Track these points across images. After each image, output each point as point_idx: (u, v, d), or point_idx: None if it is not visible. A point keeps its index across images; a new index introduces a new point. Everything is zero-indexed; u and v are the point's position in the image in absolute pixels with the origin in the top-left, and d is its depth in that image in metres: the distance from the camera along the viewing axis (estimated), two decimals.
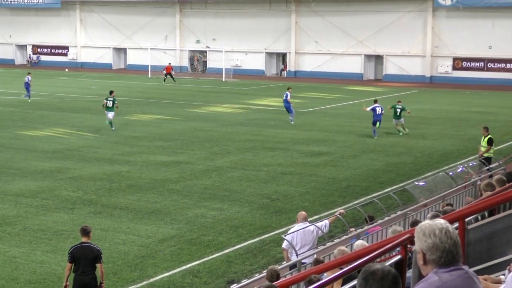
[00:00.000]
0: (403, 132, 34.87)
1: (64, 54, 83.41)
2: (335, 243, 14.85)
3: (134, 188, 23.29)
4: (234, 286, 13.68)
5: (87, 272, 13.06)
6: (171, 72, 63.20)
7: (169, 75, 62.72)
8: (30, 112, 41.75)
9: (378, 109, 33.94)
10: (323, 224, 15.29)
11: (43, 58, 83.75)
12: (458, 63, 63.76)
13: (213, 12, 74.09)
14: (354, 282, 5.54)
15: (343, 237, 15.75)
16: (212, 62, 73.33)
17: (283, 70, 72.61)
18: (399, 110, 34.85)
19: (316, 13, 69.07)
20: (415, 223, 10.93)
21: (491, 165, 23.93)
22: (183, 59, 76.98)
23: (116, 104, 35.79)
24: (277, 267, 11.53)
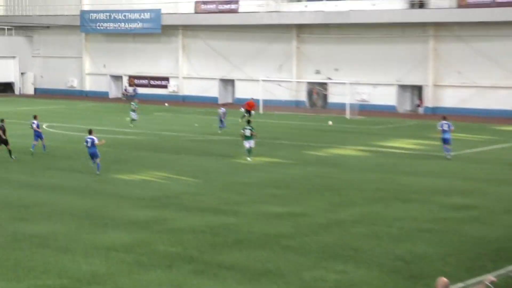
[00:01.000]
0: None
1: (164, 86, 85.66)
2: None
3: (242, 244, 23.29)
4: None
5: None
6: (252, 110, 62.57)
7: (249, 113, 61.27)
8: (126, 153, 42.93)
9: None
10: None
11: (141, 91, 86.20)
12: None
13: (336, 38, 74.38)
14: None
15: None
16: (334, 96, 73.39)
17: (419, 106, 71.91)
18: None
19: (459, 39, 68.15)
20: None
21: None
22: (300, 93, 77.49)
23: (254, 133, 40.37)
24: None
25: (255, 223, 26.02)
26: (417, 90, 72.79)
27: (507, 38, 65.90)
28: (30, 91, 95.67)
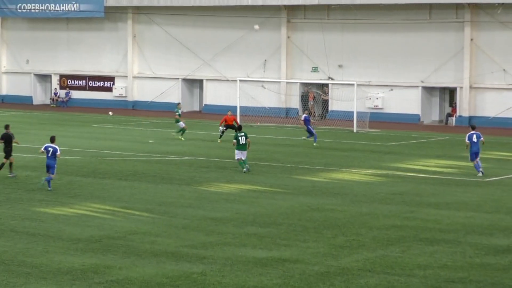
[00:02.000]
0: None
1: (108, 89, 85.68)
2: None
3: None
4: None
5: None
6: (233, 124, 60.78)
7: (230, 128, 59.56)
8: (56, 179, 42.82)
9: None
10: None
11: (76, 95, 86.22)
12: None
13: (340, 24, 74.51)
14: None
15: None
16: (338, 103, 73.59)
17: (451, 116, 71.98)
18: None
19: (504, 25, 68.42)
20: None
21: None
22: (291, 98, 77.50)
23: (249, 141, 44.38)
24: None
25: (229, 273, 26.05)
26: (449, 94, 73.12)
27: None
28: None
